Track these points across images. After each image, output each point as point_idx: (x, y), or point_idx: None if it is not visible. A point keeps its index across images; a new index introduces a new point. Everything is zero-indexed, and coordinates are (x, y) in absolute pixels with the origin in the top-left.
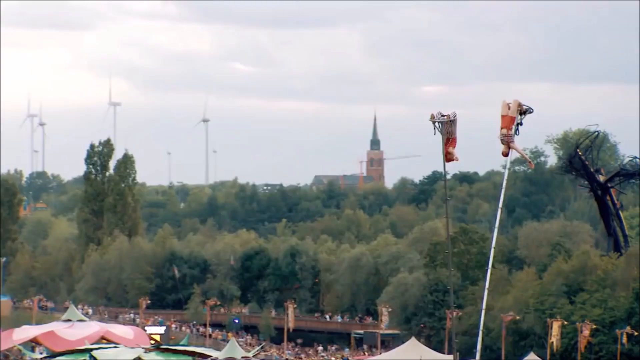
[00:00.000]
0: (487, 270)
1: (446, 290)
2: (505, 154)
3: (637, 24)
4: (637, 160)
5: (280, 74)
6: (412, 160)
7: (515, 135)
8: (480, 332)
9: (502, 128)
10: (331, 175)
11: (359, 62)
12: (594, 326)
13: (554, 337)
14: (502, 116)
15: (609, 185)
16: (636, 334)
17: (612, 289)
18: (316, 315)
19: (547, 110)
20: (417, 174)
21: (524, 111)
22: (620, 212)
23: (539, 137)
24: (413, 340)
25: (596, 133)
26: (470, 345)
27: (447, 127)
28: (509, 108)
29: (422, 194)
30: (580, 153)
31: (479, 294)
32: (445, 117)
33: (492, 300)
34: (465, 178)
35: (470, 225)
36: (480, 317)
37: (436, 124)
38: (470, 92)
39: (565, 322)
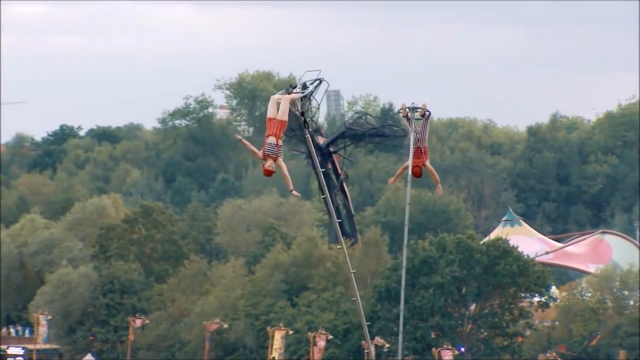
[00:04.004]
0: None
1: (125, 290)
2: (269, 172)
3: None
4: (369, 116)
5: None
6: (14, 108)
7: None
8: None
9: (268, 136)
10: None
11: None
12: (330, 336)
13: (276, 350)
14: (269, 119)
15: (332, 149)
16: (387, 345)
17: (346, 286)
18: None
19: (194, 39)
20: (30, 129)
21: (305, 95)
22: (345, 185)
23: (205, 82)
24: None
25: (318, 81)
26: None
27: (416, 126)
28: (278, 107)
29: (47, 156)
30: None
31: (169, 294)
32: (420, 110)
33: (186, 302)
34: (105, 135)
35: (154, 202)
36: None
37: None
38: (83, 13)
39: (290, 332)
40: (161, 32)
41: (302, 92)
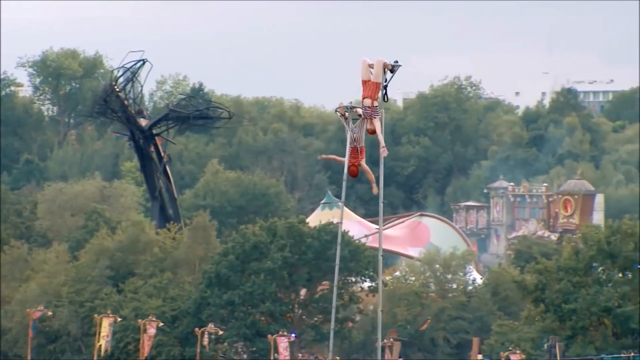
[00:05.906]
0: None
1: None
2: (373, 132)
3: None
4: (193, 98)
5: None
6: None
7: (384, 102)
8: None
9: (364, 98)
10: None
11: None
12: (161, 324)
13: (103, 337)
14: (364, 82)
15: (154, 132)
16: (220, 332)
17: (174, 272)
18: None
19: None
20: None
21: (390, 69)
22: (167, 168)
23: (7, 59)
24: None
25: (142, 62)
26: None
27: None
28: (372, 70)
29: None
30: (117, 89)
31: None
32: (357, 109)
33: (6, 289)
34: None
35: None
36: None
37: (346, 119)
38: None
39: (119, 319)
40: None
41: (394, 64)
